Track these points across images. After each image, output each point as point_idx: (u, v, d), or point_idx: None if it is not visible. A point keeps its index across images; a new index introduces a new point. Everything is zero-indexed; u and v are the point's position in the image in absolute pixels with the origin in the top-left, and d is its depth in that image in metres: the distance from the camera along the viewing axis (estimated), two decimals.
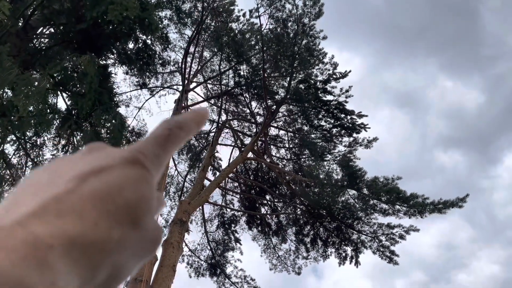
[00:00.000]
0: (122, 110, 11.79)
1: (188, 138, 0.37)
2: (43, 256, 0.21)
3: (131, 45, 9.77)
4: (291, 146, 12.91)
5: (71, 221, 0.23)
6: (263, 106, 12.28)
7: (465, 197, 9.07)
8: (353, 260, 10.31)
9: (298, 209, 11.47)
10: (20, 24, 7.99)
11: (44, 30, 8.80)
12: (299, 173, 11.53)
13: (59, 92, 8.40)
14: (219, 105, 12.98)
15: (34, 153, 9.16)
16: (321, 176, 9.87)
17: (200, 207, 10.95)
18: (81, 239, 0.23)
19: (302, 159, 12.39)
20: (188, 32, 12.78)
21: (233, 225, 12.41)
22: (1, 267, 0.19)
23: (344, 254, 10.54)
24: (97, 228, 0.24)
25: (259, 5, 10.86)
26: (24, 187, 0.28)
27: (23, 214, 0.23)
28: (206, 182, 10.31)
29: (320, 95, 11.21)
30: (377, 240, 9.82)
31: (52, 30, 8.73)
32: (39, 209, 0.23)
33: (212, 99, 13.95)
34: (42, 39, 9.06)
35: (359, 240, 10.16)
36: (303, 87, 11.19)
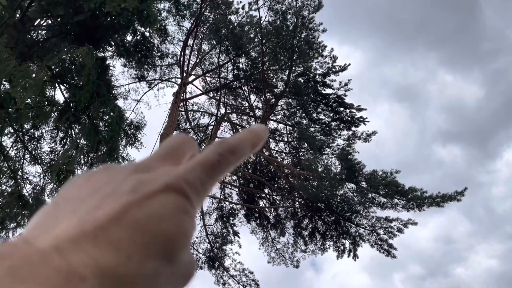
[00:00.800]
0: (120, 102, 11.73)
1: (240, 163, 0.34)
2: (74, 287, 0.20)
3: (129, 38, 9.72)
4: (290, 139, 12.90)
5: (106, 252, 0.23)
6: (262, 100, 12.26)
7: (463, 190, 9.09)
8: (351, 254, 10.34)
9: (297, 203, 11.49)
10: (17, 15, 7.94)
11: (42, 22, 8.75)
12: (298, 167, 11.53)
13: (56, 84, 8.37)
14: (218, 98, 12.94)
15: (32, 145, 9.13)
16: (319, 170, 9.86)
17: None
18: (113, 272, 0.22)
19: (301, 153, 12.38)
20: (187, 24, 12.71)
21: (231, 218, 12.43)
22: None
23: (342, 248, 10.56)
24: (131, 262, 0.23)
25: None
26: (64, 199, 0.27)
27: (61, 237, 0.22)
28: None
29: (319, 88, 11.18)
30: (375, 234, 9.84)
31: (50, 22, 8.68)
32: (78, 235, 0.23)
33: (211, 92, 13.90)
34: (39, 31, 9.01)
35: (357, 234, 10.18)
36: (302, 81, 11.16)
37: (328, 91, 11.22)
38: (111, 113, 8.20)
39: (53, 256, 0.21)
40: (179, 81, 11.91)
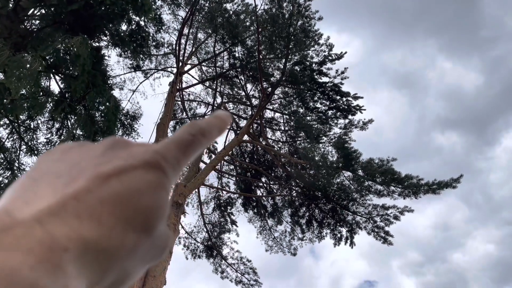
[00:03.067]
0: (116, 93, 11.68)
1: (209, 145, 0.36)
2: (58, 259, 0.21)
3: (124, 27, 9.64)
4: (286, 128, 12.90)
5: (88, 224, 0.23)
6: (259, 89, 12.22)
7: (459, 177, 9.13)
8: (348, 241, 10.41)
9: (294, 191, 11.53)
10: (10, 5, 7.86)
11: (35, 11, 8.65)
12: (295, 155, 11.54)
13: (51, 75, 8.32)
14: (214, 87, 12.90)
15: (28, 136, 9.10)
16: (316, 158, 9.88)
17: (196, 190, 10.98)
18: (95, 244, 0.23)
19: (298, 141, 12.39)
20: (182, 13, 12.62)
21: (229, 207, 12.48)
22: (18, 270, 0.19)
23: (339, 235, 10.63)
24: (112, 234, 0.24)
25: None
26: (41, 172, 0.27)
27: (41, 210, 0.23)
28: (202, 165, 10.31)
29: (316, 77, 11.15)
30: (371, 221, 9.90)
31: (43, 11, 8.58)
32: (58, 207, 0.23)
33: (207, 82, 13.85)
34: (33, 21, 8.92)
35: (354, 221, 10.24)
36: (298, 69, 11.12)
37: (325, 79, 11.19)
38: (107, 103, 8.17)
39: (35, 228, 0.21)
40: (175, 70, 11.86)
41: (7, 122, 8.59)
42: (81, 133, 8.60)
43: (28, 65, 6.91)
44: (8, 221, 0.21)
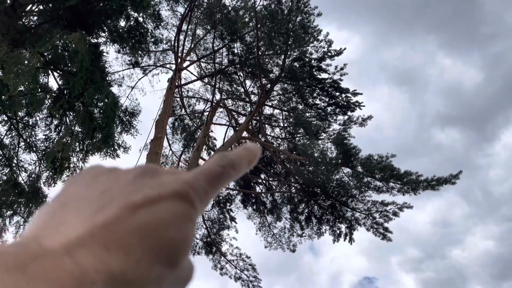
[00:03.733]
0: (114, 89, 11.68)
1: (238, 178, 0.36)
2: None
3: (122, 23, 9.61)
4: (285, 125, 12.88)
5: (117, 255, 0.23)
6: (258, 85, 12.20)
7: (458, 173, 9.13)
8: (347, 237, 10.42)
9: (293, 188, 11.53)
10: (8, 1, 7.83)
11: (33, 7, 8.62)
12: (294, 152, 11.53)
13: (50, 71, 8.30)
14: (213, 84, 12.87)
15: (27, 133, 9.09)
16: (315, 155, 9.87)
17: None
18: (121, 276, 0.23)
19: (297, 138, 12.38)
20: (181, 9, 12.57)
21: (228, 204, 12.47)
22: None
23: (338, 232, 10.64)
24: (139, 266, 0.23)
25: None
26: (70, 197, 0.27)
27: (71, 239, 0.22)
28: (201, 162, 10.30)
29: (315, 73, 11.12)
30: (371, 217, 9.90)
31: (41, 7, 8.55)
32: (88, 237, 0.23)
33: (206, 78, 13.81)
34: (31, 17, 8.89)
35: (353, 218, 10.24)
36: (297, 65, 11.09)
37: (324, 75, 11.17)
38: (106, 100, 8.14)
39: (64, 258, 0.21)
40: (173, 67, 11.83)
41: (5, 118, 8.57)
42: (79, 129, 8.59)
43: (26, 61, 6.89)
44: (37, 250, 0.21)
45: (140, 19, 9.98)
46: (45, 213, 0.26)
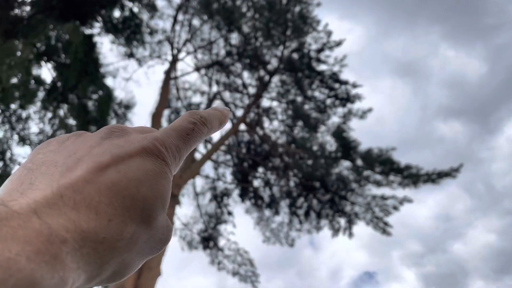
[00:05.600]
0: (109, 81, 11.49)
1: (208, 136, 0.35)
2: (56, 251, 0.21)
3: (117, 13, 9.44)
4: (284, 117, 12.74)
5: (86, 215, 0.23)
6: (255, 77, 12.05)
7: (459, 167, 9.06)
8: (347, 232, 10.34)
9: (291, 181, 11.43)
10: None
11: None
12: (293, 145, 11.42)
13: (43, 63, 8.16)
14: (210, 75, 12.70)
15: (20, 126, 8.95)
16: (314, 148, 9.77)
17: (192, 180, 10.86)
18: (94, 235, 0.22)
19: (296, 131, 12.26)
20: None
21: (225, 198, 12.38)
22: (15, 261, 0.18)
23: (337, 226, 10.56)
24: (111, 225, 0.23)
25: None
26: (37, 162, 0.27)
27: (38, 200, 0.22)
28: (198, 155, 10.19)
29: (314, 64, 10.98)
30: (370, 212, 9.82)
31: None
32: (55, 198, 0.23)
33: (203, 69, 13.64)
34: (23, 7, 8.72)
35: (352, 212, 10.16)
36: (296, 57, 10.94)
37: (323, 67, 11.03)
38: (100, 92, 8.01)
39: (32, 219, 0.21)
40: (169, 58, 11.66)
41: None
42: (74, 122, 8.45)
43: (19, 53, 6.78)
44: (4, 212, 0.21)
45: (135, 9, 9.81)
46: (12, 179, 0.26)
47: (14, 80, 7.09)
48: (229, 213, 11.94)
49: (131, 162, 0.26)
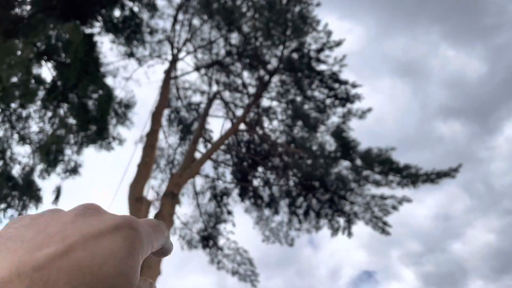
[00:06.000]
0: (109, 80, 11.47)
1: (157, 247, 0.33)
2: None
3: (117, 13, 9.45)
4: (284, 117, 12.76)
5: None
6: (255, 77, 12.06)
7: (458, 167, 9.07)
8: (346, 231, 10.36)
9: (291, 181, 11.44)
10: None
11: None
12: (292, 145, 11.44)
13: (43, 62, 8.17)
14: (210, 75, 12.72)
15: (20, 125, 8.96)
16: (314, 148, 9.78)
17: (192, 180, 10.87)
18: None
19: (295, 131, 12.27)
20: None
21: (225, 197, 12.39)
22: None
23: (336, 225, 10.57)
24: None
25: None
26: (6, 237, 0.26)
27: None
28: (198, 155, 10.19)
29: (314, 64, 10.99)
30: (369, 211, 9.84)
31: None
32: (13, 276, 0.22)
33: (203, 69, 13.65)
34: (24, 7, 8.73)
35: (351, 211, 10.18)
36: (296, 56, 10.96)
37: (323, 67, 11.05)
38: (100, 91, 8.02)
39: None
40: (169, 57, 11.67)
41: None
42: (74, 121, 8.47)
43: (19, 52, 6.78)
44: None
45: (135, 8, 9.82)
46: None
47: (15, 79, 7.09)
48: (229, 212, 11.95)
49: (100, 240, 0.26)
